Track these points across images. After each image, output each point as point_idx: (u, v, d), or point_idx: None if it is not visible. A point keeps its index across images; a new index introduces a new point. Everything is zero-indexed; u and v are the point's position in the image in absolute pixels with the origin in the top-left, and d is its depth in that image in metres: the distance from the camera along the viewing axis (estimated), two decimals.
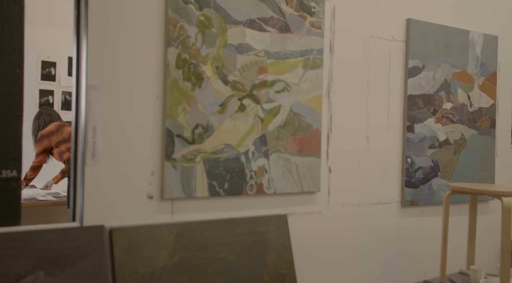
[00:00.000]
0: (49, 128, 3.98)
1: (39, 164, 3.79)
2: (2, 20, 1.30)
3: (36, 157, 3.83)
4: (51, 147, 3.91)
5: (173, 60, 1.57)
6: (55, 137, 3.88)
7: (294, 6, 1.83)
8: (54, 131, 3.92)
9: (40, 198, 4.20)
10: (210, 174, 1.66)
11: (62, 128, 3.92)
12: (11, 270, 1.25)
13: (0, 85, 1.30)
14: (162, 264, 1.51)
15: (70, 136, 4.19)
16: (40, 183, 4.67)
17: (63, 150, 3.85)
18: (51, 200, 4.15)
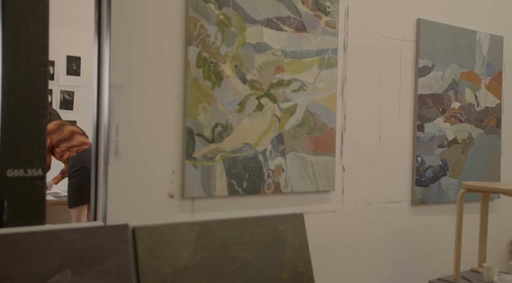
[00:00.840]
0: (49, 127, 3.94)
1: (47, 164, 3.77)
2: (28, 18, 1.29)
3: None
4: (52, 146, 3.88)
5: (194, 59, 1.57)
6: (56, 135, 3.85)
7: (310, 6, 1.84)
8: (55, 129, 3.88)
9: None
10: (229, 173, 1.66)
11: (63, 127, 3.89)
12: (39, 269, 1.24)
13: (26, 83, 1.29)
14: (184, 263, 1.51)
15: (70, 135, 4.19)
16: None
17: (63, 149, 3.82)
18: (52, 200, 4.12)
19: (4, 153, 1.26)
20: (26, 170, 1.30)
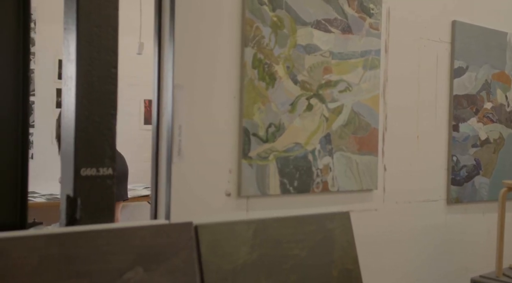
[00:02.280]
0: None
1: None
2: (100, 20, 1.32)
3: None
4: None
5: (250, 60, 1.61)
6: None
7: (355, 8, 1.88)
8: None
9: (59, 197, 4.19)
10: (281, 172, 1.69)
11: None
12: (114, 265, 1.27)
13: (97, 84, 1.32)
14: (243, 261, 1.54)
15: None
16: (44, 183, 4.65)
17: None
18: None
19: (78, 152, 1.29)
20: (98, 169, 1.32)
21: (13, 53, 1.25)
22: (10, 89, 1.24)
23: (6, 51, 1.23)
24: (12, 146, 1.24)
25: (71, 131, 1.30)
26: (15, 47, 1.25)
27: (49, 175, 4.56)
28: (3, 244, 1.13)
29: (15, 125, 1.25)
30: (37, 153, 4.56)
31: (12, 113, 1.24)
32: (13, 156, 1.24)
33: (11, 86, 1.24)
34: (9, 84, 1.24)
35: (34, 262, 1.17)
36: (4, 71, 1.23)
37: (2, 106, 1.22)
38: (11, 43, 1.25)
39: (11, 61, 1.24)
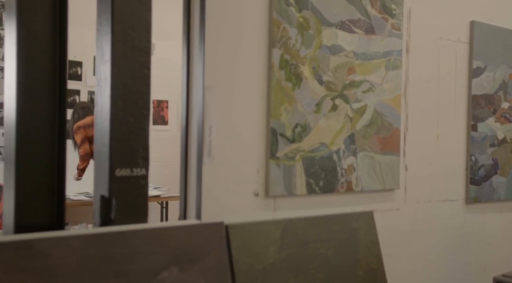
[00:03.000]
0: (86, 121, 3.95)
1: (84, 153, 3.78)
2: (133, 21, 1.33)
3: (80, 147, 3.82)
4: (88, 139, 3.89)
5: (277, 61, 1.61)
6: (91, 131, 3.87)
7: (377, 8, 1.88)
8: (91, 124, 3.90)
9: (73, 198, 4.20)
10: (307, 172, 1.70)
11: None
12: (149, 265, 1.28)
13: (131, 85, 1.32)
14: (272, 260, 1.55)
15: None
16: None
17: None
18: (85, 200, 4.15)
19: (113, 153, 1.30)
20: (132, 169, 1.33)
21: (50, 55, 1.26)
22: (47, 91, 1.25)
23: (43, 53, 1.24)
24: (50, 148, 1.25)
25: (106, 132, 1.31)
26: (51, 49, 1.26)
27: None
28: (45, 245, 1.14)
29: (52, 127, 1.26)
30: None
31: (49, 115, 1.25)
32: (50, 158, 1.25)
33: (48, 88, 1.25)
34: (46, 86, 1.25)
35: (74, 262, 1.18)
36: (41, 72, 1.24)
37: (40, 109, 1.23)
38: (48, 45, 1.25)
39: (47, 63, 1.25)
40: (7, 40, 1.22)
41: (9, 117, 1.20)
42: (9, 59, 1.21)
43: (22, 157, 1.19)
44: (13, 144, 1.18)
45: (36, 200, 1.21)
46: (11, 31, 1.20)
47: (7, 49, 1.22)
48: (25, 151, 1.20)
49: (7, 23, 1.22)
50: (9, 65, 1.21)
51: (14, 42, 1.19)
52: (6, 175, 1.22)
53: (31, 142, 1.21)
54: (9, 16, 1.21)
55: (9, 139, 1.20)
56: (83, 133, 3.84)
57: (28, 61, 1.21)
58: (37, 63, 1.23)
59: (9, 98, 1.20)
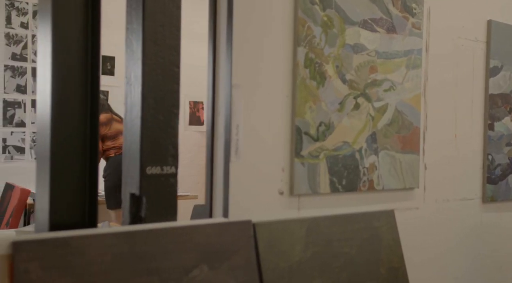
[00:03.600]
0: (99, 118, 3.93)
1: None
2: (164, 19, 1.33)
3: None
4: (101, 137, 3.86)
5: (302, 60, 1.62)
6: (103, 129, 3.85)
7: (399, 7, 1.88)
8: (103, 122, 3.88)
9: None
10: (331, 171, 1.70)
11: (111, 122, 3.90)
12: (180, 263, 1.28)
13: (162, 83, 1.32)
14: (298, 259, 1.55)
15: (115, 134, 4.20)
16: None
17: (109, 146, 3.82)
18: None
19: (144, 151, 1.30)
20: (162, 167, 1.33)
21: (82, 53, 1.26)
22: (79, 89, 1.25)
23: (75, 51, 1.24)
24: (82, 147, 1.25)
25: (136, 130, 1.31)
26: (84, 46, 1.26)
27: None
28: (80, 242, 1.14)
29: (85, 126, 1.26)
30: None
31: (82, 115, 1.25)
32: (83, 156, 1.25)
33: (81, 88, 1.25)
34: (78, 84, 1.25)
35: (108, 260, 1.18)
36: (74, 72, 1.24)
37: (73, 109, 1.23)
38: (80, 42, 1.25)
39: (80, 62, 1.25)
40: (41, 41, 1.22)
41: (44, 117, 1.20)
42: (44, 59, 1.21)
43: (56, 156, 1.19)
44: (48, 143, 1.18)
45: (70, 198, 1.22)
46: (45, 33, 1.20)
47: (41, 49, 1.22)
48: (60, 150, 1.20)
49: (42, 25, 1.22)
50: (44, 66, 1.21)
51: (49, 44, 1.19)
52: (41, 174, 1.22)
53: (65, 141, 1.21)
54: (43, 18, 1.21)
55: (43, 139, 1.20)
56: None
57: (62, 60, 1.21)
58: (70, 63, 1.23)
59: (43, 100, 1.20)
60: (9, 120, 4.29)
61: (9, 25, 4.28)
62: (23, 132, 4.36)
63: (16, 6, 4.27)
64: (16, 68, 4.31)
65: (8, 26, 4.28)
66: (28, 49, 4.36)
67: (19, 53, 4.32)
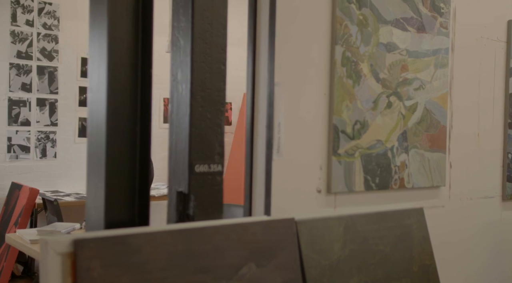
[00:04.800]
0: None
1: None
2: (212, 17, 1.33)
3: None
4: None
5: (339, 58, 1.62)
6: None
7: (428, 7, 1.90)
8: None
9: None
10: (365, 169, 1.71)
11: None
12: (230, 261, 1.28)
13: (209, 81, 1.32)
14: (337, 256, 1.56)
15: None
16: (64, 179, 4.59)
17: None
18: None
19: (193, 149, 1.30)
20: (209, 165, 1.33)
21: (133, 50, 1.25)
22: (129, 87, 1.25)
23: (126, 48, 1.24)
24: (133, 145, 1.25)
25: (185, 127, 1.31)
26: (134, 43, 1.26)
27: (72, 174, 4.54)
28: (137, 240, 1.14)
29: (135, 126, 1.25)
30: (60, 152, 4.53)
31: (133, 116, 1.25)
32: (134, 155, 1.25)
33: (130, 85, 1.25)
34: (128, 82, 1.24)
35: (163, 258, 1.17)
36: (123, 69, 1.23)
37: (123, 106, 1.23)
38: (131, 39, 1.25)
39: (130, 59, 1.25)
40: (93, 44, 1.22)
41: (98, 118, 1.20)
42: (98, 61, 1.20)
43: (112, 156, 1.18)
44: (104, 144, 1.18)
45: (123, 197, 1.21)
46: (100, 35, 1.20)
47: (93, 51, 1.22)
48: (114, 150, 1.19)
49: (93, 27, 1.21)
50: (98, 67, 1.20)
51: (105, 45, 1.18)
52: (93, 174, 1.21)
53: (119, 141, 1.21)
54: (96, 22, 1.21)
55: (97, 139, 1.20)
56: None
57: (115, 61, 1.21)
58: (123, 65, 1.23)
59: (97, 101, 1.20)
60: (14, 119, 4.25)
61: (14, 22, 4.24)
62: (28, 131, 4.32)
63: (21, 3, 4.22)
64: (21, 66, 4.27)
65: (14, 23, 4.23)
66: (33, 47, 4.32)
67: (25, 51, 4.28)
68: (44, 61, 4.35)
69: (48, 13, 4.31)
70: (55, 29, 4.37)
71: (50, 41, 4.35)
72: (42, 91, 4.36)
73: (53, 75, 4.41)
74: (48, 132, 4.36)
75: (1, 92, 4.16)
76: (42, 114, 4.35)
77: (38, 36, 4.32)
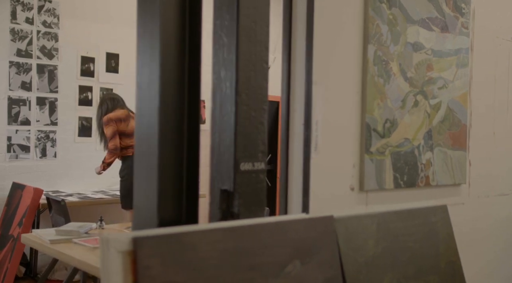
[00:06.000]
0: (117, 114, 3.83)
1: (115, 146, 3.67)
2: (256, 15, 1.33)
3: (110, 141, 3.69)
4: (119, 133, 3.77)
5: (372, 57, 1.64)
6: (122, 125, 3.78)
7: (451, 7, 1.93)
8: (122, 119, 3.80)
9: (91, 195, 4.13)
10: (394, 167, 1.73)
11: (129, 119, 3.83)
12: (276, 258, 1.29)
13: (253, 79, 1.33)
14: (372, 253, 1.58)
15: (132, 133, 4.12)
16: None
17: (127, 144, 3.75)
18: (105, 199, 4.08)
19: (238, 147, 1.30)
20: (253, 163, 1.34)
21: (181, 47, 1.25)
22: (178, 85, 1.24)
23: (175, 45, 1.24)
24: (181, 144, 1.25)
25: (230, 125, 1.31)
26: (182, 40, 1.25)
27: (72, 174, 4.48)
28: (192, 238, 1.14)
29: (182, 126, 1.25)
30: (59, 151, 4.48)
31: (180, 110, 1.25)
32: (182, 155, 1.25)
33: (179, 83, 1.25)
34: (177, 80, 1.24)
35: (216, 255, 1.17)
36: (174, 66, 1.23)
37: (173, 104, 1.22)
38: (179, 37, 1.25)
39: (179, 56, 1.25)
40: (142, 41, 1.21)
41: (149, 115, 1.19)
42: (149, 58, 1.20)
43: (164, 155, 1.18)
44: (156, 141, 1.18)
45: (174, 195, 1.21)
46: (151, 33, 1.20)
47: (143, 48, 1.21)
48: (166, 147, 1.19)
49: (143, 25, 1.21)
50: (149, 64, 1.20)
51: (158, 42, 1.18)
52: (142, 173, 1.21)
53: (169, 139, 1.21)
54: (147, 20, 1.21)
55: (148, 136, 1.19)
56: (114, 127, 3.73)
57: (167, 59, 1.21)
58: (174, 63, 1.23)
59: (148, 98, 1.20)
60: (14, 118, 4.19)
61: (14, 20, 4.18)
62: (28, 131, 4.27)
63: (21, 1, 4.17)
64: (21, 64, 4.21)
65: (13, 21, 4.17)
66: (33, 45, 4.27)
67: (24, 49, 4.22)
68: (44, 60, 4.30)
69: (48, 10, 4.26)
70: (55, 27, 4.32)
71: (50, 39, 4.29)
72: (42, 90, 4.30)
73: (53, 74, 4.36)
74: (48, 131, 4.30)
75: (1, 91, 4.10)
76: (42, 113, 4.29)
77: (38, 34, 4.27)
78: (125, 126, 3.77)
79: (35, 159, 4.28)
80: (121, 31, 4.57)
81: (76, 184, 4.39)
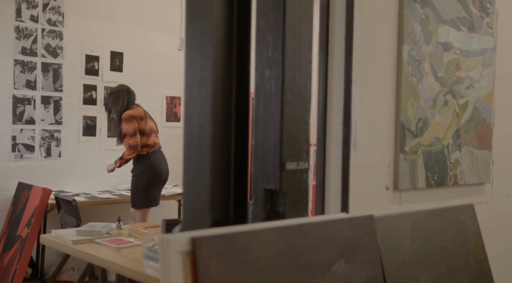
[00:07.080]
0: (137, 113, 3.81)
1: (136, 143, 3.64)
2: (301, 14, 1.33)
3: (132, 137, 3.66)
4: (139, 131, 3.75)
5: (406, 57, 1.64)
6: (142, 124, 3.76)
7: (477, 7, 1.94)
8: (142, 117, 3.79)
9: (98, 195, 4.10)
10: (426, 166, 1.73)
11: (146, 119, 3.83)
12: (323, 258, 1.29)
13: (298, 78, 1.32)
14: (408, 252, 1.58)
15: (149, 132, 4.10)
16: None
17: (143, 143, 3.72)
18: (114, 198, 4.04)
19: (284, 146, 1.30)
20: (298, 163, 1.33)
21: (229, 48, 1.24)
22: (227, 85, 1.24)
23: (224, 45, 1.23)
24: (230, 145, 1.24)
25: (275, 125, 1.30)
26: (231, 40, 1.25)
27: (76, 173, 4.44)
28: (245, 238, 1.13)
29: (230, 120, 1.25)
30: (64, 151, 4.44)
31: (228, 110, 1.24)
32: (229, 150, 1.24)
33: (228, 82, 1.24)
34: (227, 79, 1.23)
35: (269, 255, 1.17)
36: (224, 66, 1.22)
37: (224, 103, 1.22)
38: (228, 37, 1.24)
39: (228, 56, 1.24)
40: (193, 39, 1.21)
41: (200, 114, 1.18)
42: (201, 56, 1.19)
43: (215, 155, 1.17)
44: (208, 140, 1.17)
45: (226, 196, 1.21)
46: (202, 32, 1.19)
47: (193, 47, 1.21)
48: (217, 149, 1.19)
49: (194, 24, 1.21)
50: (200, 63, 1.19)
51: (211, 41, 1.17)
52: (192, 174, 1.20)
53: (220, 138, 1.21)
54: (198, 19, 1.20)
55: (200, 136, 1.19)
56: (135, 124, 3.71)
57: (219, 58, 1.20)
58: (224, 62, 1.22)
59: (200, 97, 1.19)
60: (19, 117, 4.14)
61: (19, 18, 4.13)
62: (33, 130, 4.22)
63: None
64: (26, 63, 4.17)
65: (18, 19, 4.12)
66: (38, 44, 4.22)
67: (29, 48, 4.17)
68: (48, 58, 4.25)
69: (52, 8, 4.21)
70: (60, 25, 4.27)
71: (55, 38, 4.25)
72: (46, 89, 4.25)
73: (57, 72, 4.31)
74: (53, 131, 4.26)
75: (6, 90, 4.05)
76: (46, 112, 4.25)
77: (42, 32, 4.22)
78: (144, 125, 3.76)
79: (40, 159, 4.23)
80: (126, 30, 4.54)
81: (80, 183, 4.36)
